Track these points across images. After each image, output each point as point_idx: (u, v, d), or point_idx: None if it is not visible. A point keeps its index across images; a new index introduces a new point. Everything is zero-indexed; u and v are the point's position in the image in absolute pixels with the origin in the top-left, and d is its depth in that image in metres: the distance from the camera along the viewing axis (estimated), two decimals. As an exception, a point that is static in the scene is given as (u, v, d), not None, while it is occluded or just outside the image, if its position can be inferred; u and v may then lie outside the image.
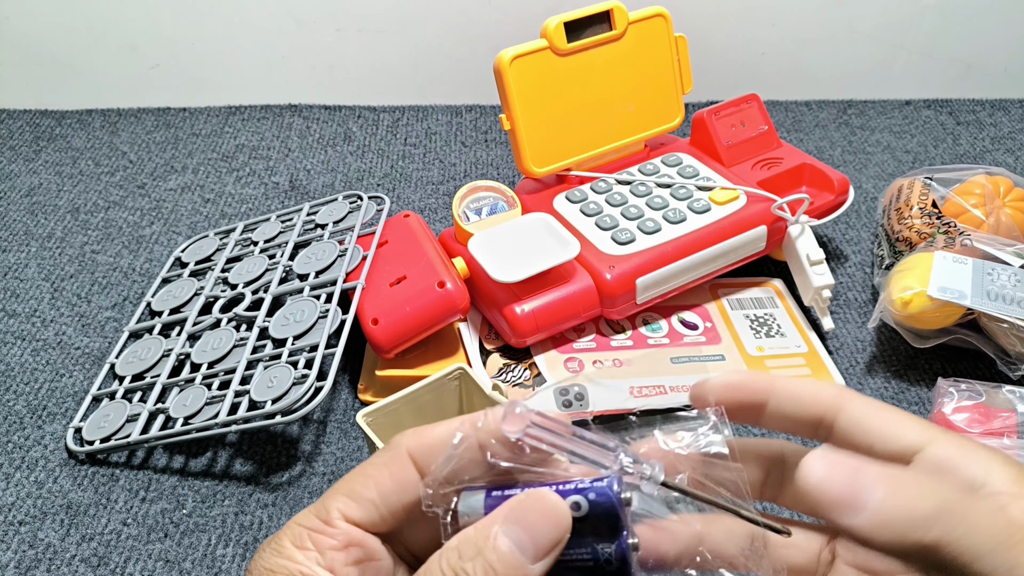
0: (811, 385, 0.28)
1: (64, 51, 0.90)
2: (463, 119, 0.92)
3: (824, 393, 0.28)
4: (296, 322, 0.58)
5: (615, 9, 0.65)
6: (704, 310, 0.66)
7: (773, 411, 0.28)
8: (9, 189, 0.81)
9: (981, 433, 0.53)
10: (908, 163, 0.85)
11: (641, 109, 0.69)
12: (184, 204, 0.80)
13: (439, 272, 0.59)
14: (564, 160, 0.67)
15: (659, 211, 0.65)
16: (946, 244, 0.63)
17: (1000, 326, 0.58)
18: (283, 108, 0.93)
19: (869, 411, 0.27)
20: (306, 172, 0.84)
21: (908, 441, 0.26)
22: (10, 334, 0.66)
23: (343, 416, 0.60)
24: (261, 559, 0.26)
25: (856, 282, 0.71)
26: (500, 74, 0.63)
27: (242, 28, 0.89)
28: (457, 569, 0.24)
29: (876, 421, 0.27)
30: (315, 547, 0.26)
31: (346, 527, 0.26)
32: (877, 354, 0.64)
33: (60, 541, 0.52)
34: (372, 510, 0.26)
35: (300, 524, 0.26)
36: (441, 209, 0.79)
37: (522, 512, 0.24)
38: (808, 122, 0.91)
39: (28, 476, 0.56)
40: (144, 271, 0.72)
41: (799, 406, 0.28)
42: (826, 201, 0.69)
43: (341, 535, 0.26)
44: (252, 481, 0.56)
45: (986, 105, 0.94)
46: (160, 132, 0.89)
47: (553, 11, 0.65)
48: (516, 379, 0.59)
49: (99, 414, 0.59)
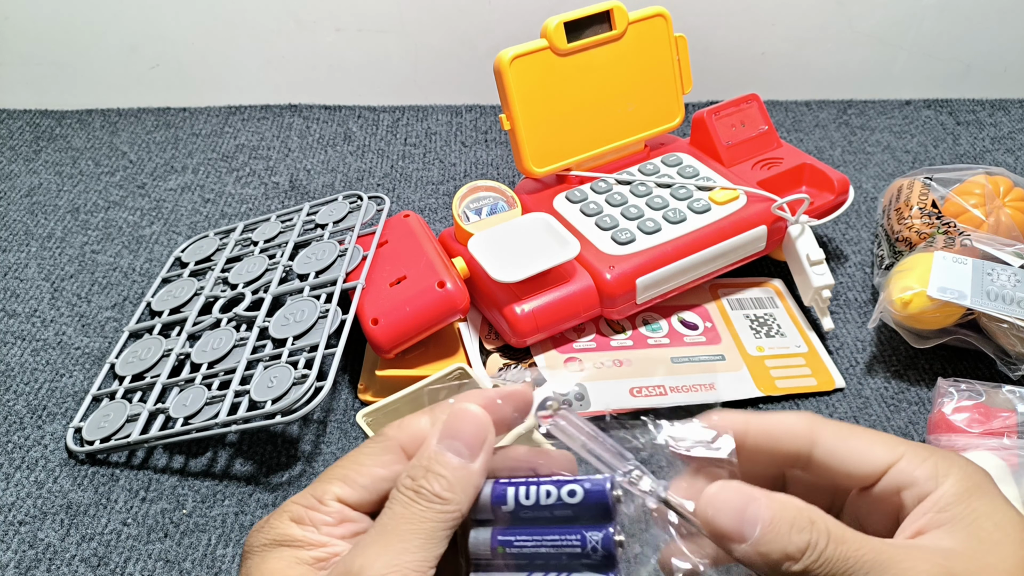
0: (783, 421, 0.30)
1: (64, 51, 0.90)
2: (463, 119, 0.92)
3: (796, 427, 0.29)
4: (296, 322, 0.58)
5: (615, 9, 0.65)
6: (704, 310, 0.66)
7: (751, 451, 0.30)
8: (9, 189, 0.81)
9: (981, 433, 0.53)
10: (908, 163, 0.85)
11: (641, 109, 0.69)
12: (184, 204, 0.80)
13: (439, 272, 0.59)
14: (564, 160, 0.67)
15: (659, 211, 0.65)
16: (946, 244, 0.63)
17: (1000, 326, 0.58)
18: (283, 108, 0.93)
19: (839, 438, 0.29)
20: (306, 172, 0.84)
21: (878, 462, 0.28)
22: (10, 334, 0.66)
23: (343, 416, 0.60)
24: (260, 534, 0.28)
25: (856, 282, 0.71)
26: (500, 74, 0.63)
27: (242, 28, 0.89)
28: (415, 488, 0.27)
29: (847, 447, 0.29)
30: (311, 523, 0.28)
31: (339, 506, 0.28)
32: (877, 354, 0.64)
33: (60, 541, 0.52)
34: (363, 494, 0.29)
35: (296, 503, 0.29)
36: (441, 209, 0.79)
37: (451, 426, 0.29)
38: (808, 122, 0.91)
39: (28, 476, 0.56)
40: (144, 271, 0.72)
41: (774, 444, 0.30)
42: (826, 201, 0.69)
43: (335, 513, 0.28)
44: (252, 481, 0.56)
45: (986, 105, 0.94)
46: (160, 132, 0.89)
47: (553, 11, 0.65)
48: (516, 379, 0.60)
49: (99, 414, 0.59)
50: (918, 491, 0.27)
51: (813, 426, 0.29)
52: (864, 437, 0.29)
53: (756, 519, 0.26)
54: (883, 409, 0.60)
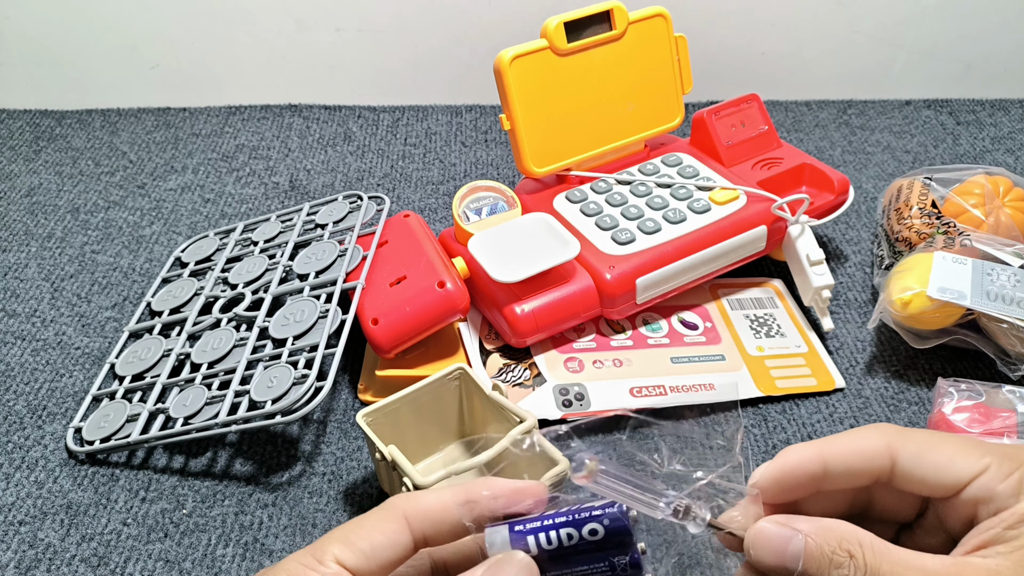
0: (859, 446, 0.30)
1: (64, 51, 0.90)
2: (463, 119, 0.92)
3: (874, 448, 0.30)
4: (296, 322, 0.58)
5: (615, 9, 0.65)
6: (704, 310, 0.66)
7: (834, 479, 0.30)
8: (9, 189, 0.81)
9: (981, 433, 0.53)
10: (908, 163, 0.85)
11: (641, 109, 0.69)
12: (184, 204, 0.80)
13: (439, 272, 0.59)
14: (564, 160, 0.67)
15: (659, 211, 0.65)
16: (945, 244, 0.63)
17: (1000, 326, 0.58)
18: (283, 108, 0.93)
19: (920, 453, 0.29)
20: (306, 172, 0.84)
21: (960, 475, 0.28)
22: (10, 334, 0.66)
23: (343, 416, 0.60)
24: None
25: (856, 282, 0.71)
26: (500, 74, 0.63)
27: (242, 28, 0.89)
28: None
29: (928, 463, 0.29)
30: None
31: (337, 568, 0.28)
32: (877, 354, 0.64)
33: (60, 541, 0.52)
34: (363, 559, 0.29)
35: (296, 561, 0.29)
36: (441, 209, 0.79)
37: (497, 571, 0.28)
38: (808, 122, 0.91)
39: (28, 476, 0.56)
40: (144, 271, 0.72)
41: (853, 471, 0.30)
42: (826, 201, 0.69)
43: (332, 574, 0.28)
44: (252, 481, 0.56)
45: (986, 105, 0.94)
46: (160, 132, 0.89)
47: (553, 11, 0.65)
48: (516, 379, 0.60)
49: (99, 414, 0.59)
50: (995, 506, 0.27)
51: (892, 443, 0.29)
52: (946, 449, 0.29)
53: (798, 555, 0.28)
54: (883, 409, 0.60)
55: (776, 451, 0.57)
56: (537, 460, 0.48)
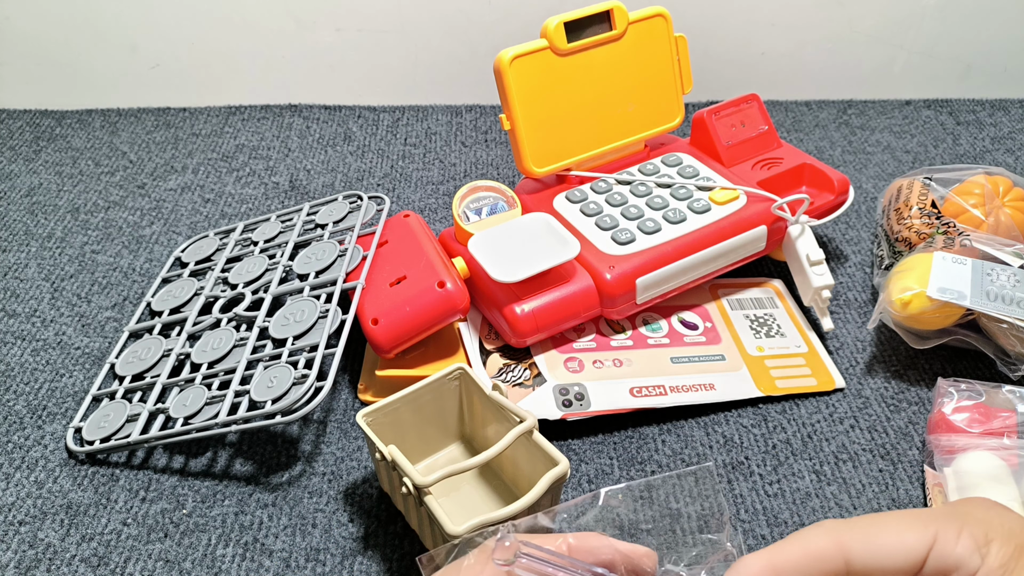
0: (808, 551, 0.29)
1: (64, 51, 0.90)
2: (463, 119, 0.92)
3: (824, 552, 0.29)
4: (296, 322, 0.58)
5: (615, 9, 0.65)
6: (704, 310, 0.66)
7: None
8: (9, 189, 0.81)
9: (981, 433, 0.53)
10: (908, 163, 0.85)
11: (641, 109, 0.69)
12: (184, 204, 0.80)
13: (439, 272, 0.59)
14: (564, 160, 0.67)
15: (659, 211, 0.65)
16: (945, 244, 0.63)
17: (1000, 326, 0.58)
18: (283, 108, 0.93)
19: (868, 542, 0.29)
20: (306, 172, 0.84)
21: (914, 552, 0.28)
22: (10, 334, 0.66)
23: (343, 416, 0.60)
24: None
25: (856, 282, 0.71)
26: (500, 74, 0.63)
27: (242, 28, 0.89)
28: None
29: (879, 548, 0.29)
30: None
31: None
32: (877, 354, 0.64)
33: (60, 541, 0.52)
34: None
35: None
36: (441, 209, 0.79)
37: None
38: (808, 122, 0.91)
39: (28, 476, 0.56)
40: (144, 271, 0.72)
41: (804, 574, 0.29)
42: (826, 201, 0.69)
43: None
44: (252, 481, 0.56)
45: (986, 105, 0.94)
46: (160, 132, 0.89)
47: (553, 11, 0.65)
48: (516, 379, 0.60)
49: (99, 414, 0.59)
50: (965, 571, 0.27)
51: (840, 539, 0.29)
52: (891, 530, 0.29)
53: None
54: (883, 409, 0.60)
55: (776, 451, 0.57)
56: (537, 460, 0.48)
